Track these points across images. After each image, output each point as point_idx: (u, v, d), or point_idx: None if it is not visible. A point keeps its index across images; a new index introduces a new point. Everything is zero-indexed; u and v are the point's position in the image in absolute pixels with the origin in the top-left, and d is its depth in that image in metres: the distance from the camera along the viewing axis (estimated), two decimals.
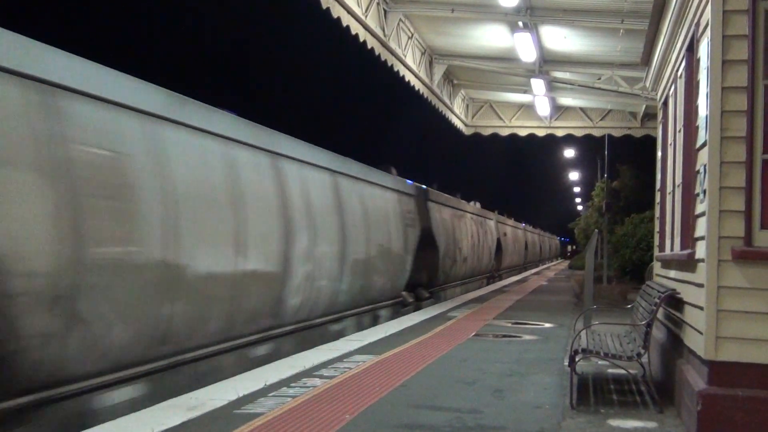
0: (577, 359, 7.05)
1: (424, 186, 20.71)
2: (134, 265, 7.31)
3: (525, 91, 22.69)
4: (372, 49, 16.30)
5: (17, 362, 6.00)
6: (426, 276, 20.09)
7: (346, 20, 14.65)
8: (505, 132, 26.71)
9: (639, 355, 6.94)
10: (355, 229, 13.94)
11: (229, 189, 9.21)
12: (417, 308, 18.02)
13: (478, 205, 32.66)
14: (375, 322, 15.41)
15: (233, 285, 9.17)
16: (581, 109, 25.55)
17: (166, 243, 7.76)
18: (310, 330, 12.05)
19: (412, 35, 18.71)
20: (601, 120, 25.64)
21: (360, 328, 14.17)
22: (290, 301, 11.03)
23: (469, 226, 27.37)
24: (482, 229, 31.12)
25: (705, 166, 5.84)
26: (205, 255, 8.52)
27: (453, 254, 23.45)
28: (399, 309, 17.42)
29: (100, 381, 6.93)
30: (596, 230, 15.86)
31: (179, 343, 8.17)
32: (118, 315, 7.09)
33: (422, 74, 19.94)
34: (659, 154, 10.26)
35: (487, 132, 27.06)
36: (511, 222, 44.55)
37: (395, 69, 18.05)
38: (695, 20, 6.63)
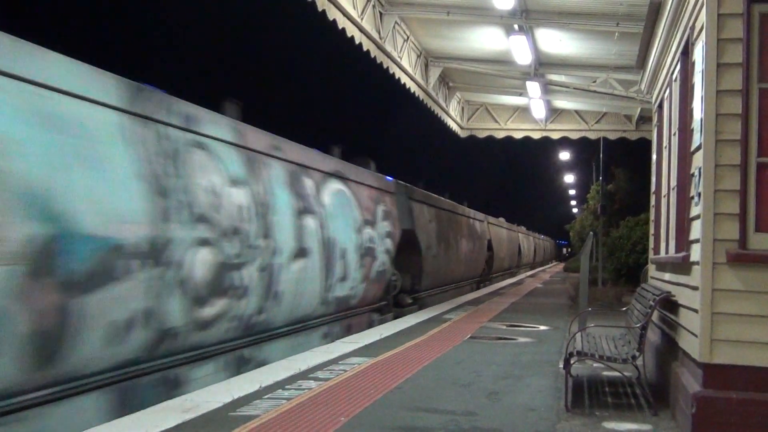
0: (572, 362, 7.05)
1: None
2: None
3: (520, 94, 22.68)
4: (368, 51, 16.29)
5: None
6: (516, 262, 43.02)
7: (342, 22, 14.65)
8: (500, 135, 26.68)
9: (634, 357, 6.95)
10: (511, 244, 42.40)
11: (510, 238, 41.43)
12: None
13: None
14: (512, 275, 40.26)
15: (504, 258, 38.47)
16: (576, 111, 25.57)
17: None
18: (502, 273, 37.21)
19: (408, 38, 18.71)
20: (596, 123, 25.66)
21: (512, 276, 40.40)
22: (504, 263, 39.27)
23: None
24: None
25: (700, 169, 5.86)
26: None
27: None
28: (513, 273, 42.06)
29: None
30: (591, 233, 15.86)
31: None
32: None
33: (418, 77, 19.94)
34: (654, 157, 10.29)
35: (482, 134, 27.03)
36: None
37: (391, 71, 18.04)
38: (690, 24, 6.65)
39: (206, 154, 9.20)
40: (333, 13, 14.19)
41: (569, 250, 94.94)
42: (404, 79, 19.08)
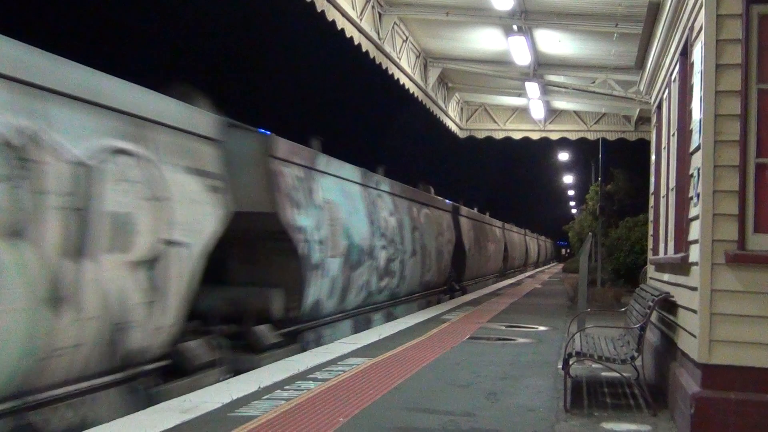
0: (571, 362, 7.06)
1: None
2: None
3: (519, 95, 22.69)
4: (367, 52, 16.29)
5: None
6: (525, 260, 49.84)
7: (341, 23, 14.65)
8: (499, 135, 26.68)
9: (633, 358, 6.95)
10: (521, 245, 52.57)
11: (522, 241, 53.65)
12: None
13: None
14: (522, 272, 49.94)
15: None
16: (575, 112, 25.57)
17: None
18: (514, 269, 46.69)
19: (407, 38, 18.72)
20: (595, 123, 25.66)
21: (522, 272, 49.70)
22: (516, 262, 48.33)
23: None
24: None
25: (699, 169, 5.86)
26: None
27: None
28: (523, 270, 50.76)
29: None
30: (590, 233, 15.88)
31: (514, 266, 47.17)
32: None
33: (417, 77, 19.94)
34: (653, 157, 10.30)
35: (481, 135, 27.03)
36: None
37: (390, 72, 18.05)
38: (689, 24, 6.65)
39: (381, 199, 17.42)
40: (332, 14, 14.19)
41: (568, 250, 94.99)
42: (403, 80, 19.09)
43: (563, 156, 45.63)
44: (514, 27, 16.22)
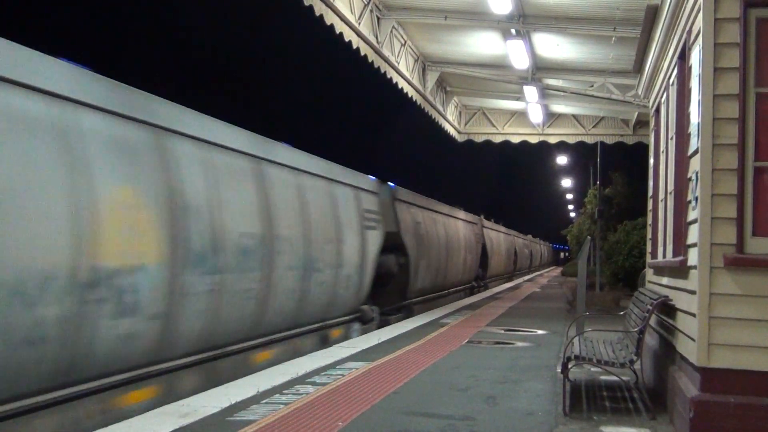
0: (569, 366, 7.05)
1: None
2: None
3: (518, 99, 22.69)
4: (365, 56, 16.29)
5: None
6: (530, 262, 60.84)
7: (339, 27, 14.65)
8: (497, 139, 26.69)
9: (632, 361, 6.95)
10: (528, 249, 63.67)
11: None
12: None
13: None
14: (529, 273, 61.24)
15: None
16: (574, 116, 25.57)
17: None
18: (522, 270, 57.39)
19: (405, 42, 18.73)
20: (593, 127, 25.67)
21: (529, 272, 60.30)
22: (523, 264, 58.36)
23: None
24: None
25: (697, 173, 5.86)
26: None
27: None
28: (531, 270, 62.91)
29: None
30: (589, 237, 15.88)
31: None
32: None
33: (415, 81, 19.95)
34: (651, 161, 10.30)
35: (479, 139, 27.04)
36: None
37: (388, 76, 18.05)
38: (687, 28, 6.66)
39: (497, 236, 38.84)
40: (330, 18, 14.19)
41: (567, 254, 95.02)
42: (402, 84, 19.09)
43: (561, 159, 45.66)
44: (513, 31, 16.22)
